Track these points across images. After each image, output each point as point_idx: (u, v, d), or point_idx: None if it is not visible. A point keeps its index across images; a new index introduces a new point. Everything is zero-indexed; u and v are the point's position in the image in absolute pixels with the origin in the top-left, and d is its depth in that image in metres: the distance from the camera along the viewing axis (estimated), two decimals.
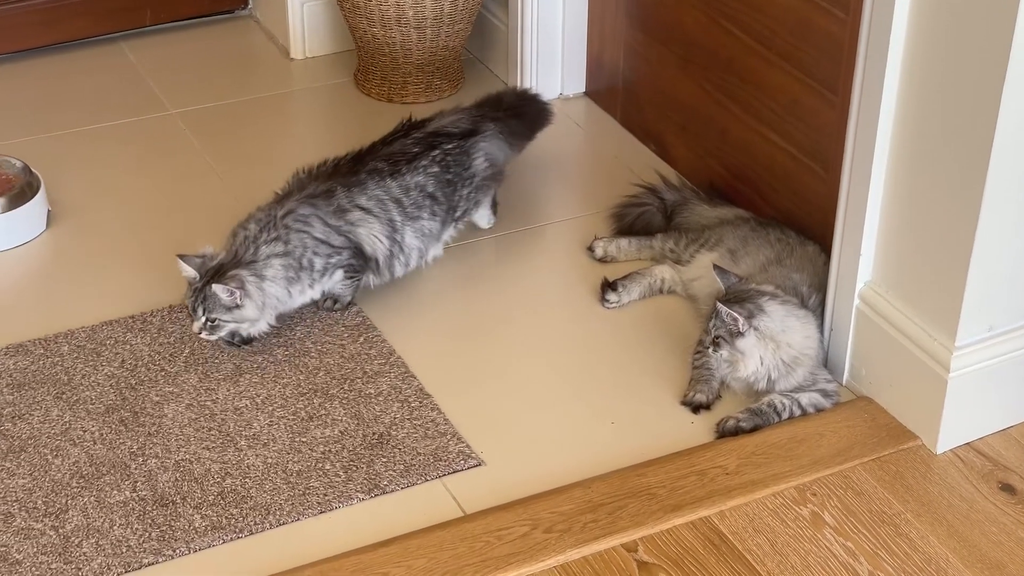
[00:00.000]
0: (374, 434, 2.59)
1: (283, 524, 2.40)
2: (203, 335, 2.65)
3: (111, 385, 2.66)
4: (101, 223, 3.17)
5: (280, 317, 2.76)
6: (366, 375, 2.72)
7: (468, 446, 2.57)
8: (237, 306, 2.63)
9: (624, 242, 3.06)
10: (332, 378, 2.72)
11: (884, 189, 2.49)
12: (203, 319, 2.62)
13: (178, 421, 2.59)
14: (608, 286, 2.94)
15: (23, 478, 2.45)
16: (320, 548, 2.35)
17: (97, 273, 3.00)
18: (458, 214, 2.96)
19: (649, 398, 2.71)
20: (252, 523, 2.39)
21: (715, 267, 2.66)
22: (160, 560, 2.31)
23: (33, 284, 2.99)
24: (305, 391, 2.68)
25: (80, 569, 2.28)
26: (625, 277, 2.95)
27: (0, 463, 2.47)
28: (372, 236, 2.80)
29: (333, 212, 2.78)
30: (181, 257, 2.65)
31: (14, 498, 2.40)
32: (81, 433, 2.55)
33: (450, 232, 2.97)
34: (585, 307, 2.95)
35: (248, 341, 2.74)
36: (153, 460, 2.50)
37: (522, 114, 3.16)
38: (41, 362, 2.71)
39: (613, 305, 2.93)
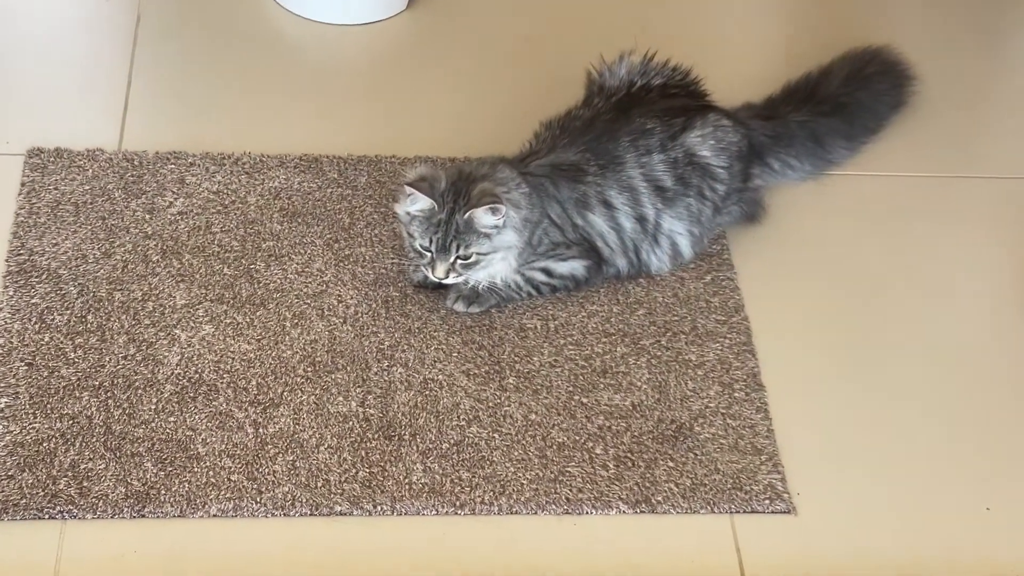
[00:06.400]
0: (672, 422, 2.00)
1: (513, 513, 1.89)
2: (449, 279, 2.02)
3: (393, 247, 2.17)
4: (470, 18, 2.61)
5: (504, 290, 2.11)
6: (695, 332, 2.11)
7: (783, 479, 1.95)
8: (497, 228, 2.00)
9: None
10: (652, 322, 2.12)
11: None
12: (454, 256, 2.00)
13: (447, 324, 2.09)
14: None
15: (249, 343, 2.03)
16: (541, 564, 1.83)
17: (445, 87, 2.46)
18: (728, 204, 2.22)
19: None
20: (478, 498, 1.89)
21: None
22: (355, 512, 1.86)
23: (365, 79, 2.48)
24: (612, 332, 2.10)
25: (261, 493, 1.86)
26: None
27: (232, 314, 2.06)
28: (608, 245, 2.13)
29: (575, 202, 2.09)
30: (413, 185, 1.98)
31: (228, 367, 1.99)
32: (335, 304, 2.09)
33: (724, 219, 2.23)
34: (1020, 319, 2.19)
35: (476, 299, 2.10)
36: (399, 369, 2.02)
37: (843, 109, 2.33)
38: (329, 190, 2.25)
39: None
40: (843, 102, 2.35)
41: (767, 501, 1.92)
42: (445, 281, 2.02)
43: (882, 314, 2.18)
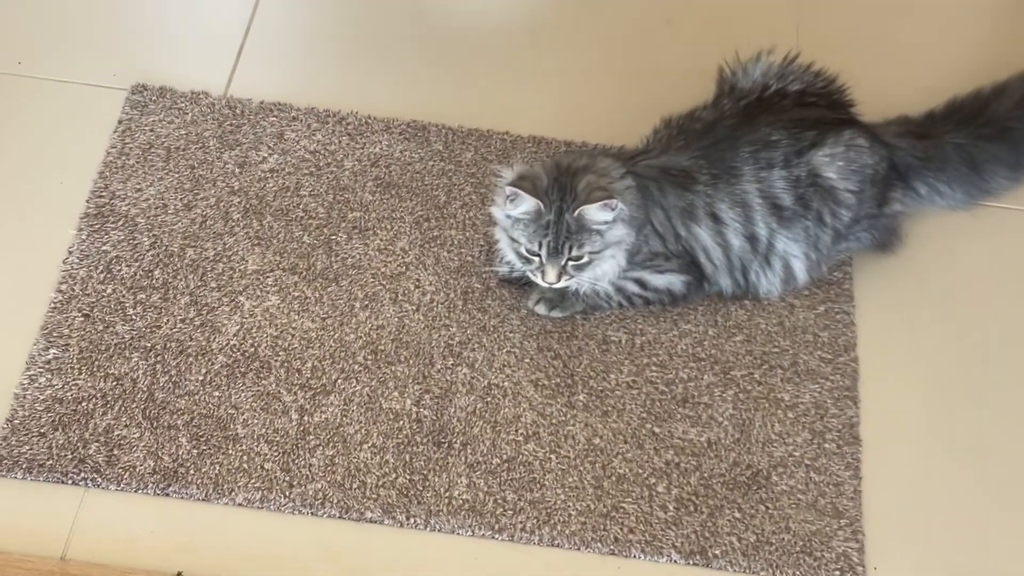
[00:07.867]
0: (748, 467, 1.82)
1: (555, 545, 1.75)
2: (561, 282, 1.86)
3: (485, 234, 2.03)
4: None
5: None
6: (795, 368, 1.92)
7: (861, 550, 1.76)
8: (608, 224, 1.83)
9: None
10: (749, 351, 1.94)
11: None
12: (566, 259, 1.84)
13: (525, 326, 1.94)
14: None
15: (313, 321, 1.93)
16: None
17: (574, 63, 2.29)
18: (855, 230, 2.00)
19: None
20: (519, 524, 1.76)
21: None
22: (385, 521, 1.75)
23: (491, 46, 2.32)
24: (702, 356, 1.93)
25: (292, 487, 1.77)
26: None
27: (302, 287, 1.96)
28: (712, 262, 1.94)
29: (681, 211, 1.90)
30: (516, 185, 1.81)
31: (286, 344, 1.90)
32: (411, 289, 1.97)
33: (850, 244, 2.01)
34: None
35: (561, 302, 1.96)
36: (464, 370, 1.89)
37: (1010, 134, 2.07)
38: (431, 162, 2.12)
39: None
40: (1011, 127, 2.09)
41: (837, 572, 1.74)
42: (556, 285, 1.87)
43: (1014, 376, 1.94)
